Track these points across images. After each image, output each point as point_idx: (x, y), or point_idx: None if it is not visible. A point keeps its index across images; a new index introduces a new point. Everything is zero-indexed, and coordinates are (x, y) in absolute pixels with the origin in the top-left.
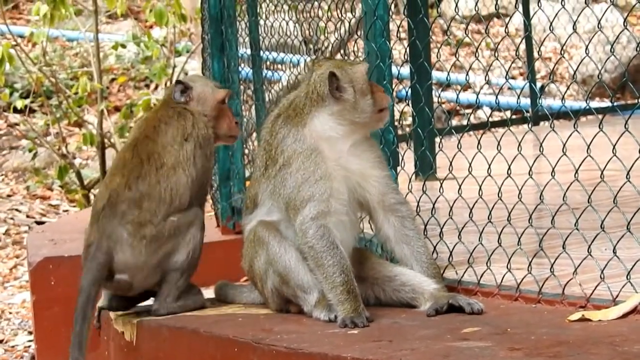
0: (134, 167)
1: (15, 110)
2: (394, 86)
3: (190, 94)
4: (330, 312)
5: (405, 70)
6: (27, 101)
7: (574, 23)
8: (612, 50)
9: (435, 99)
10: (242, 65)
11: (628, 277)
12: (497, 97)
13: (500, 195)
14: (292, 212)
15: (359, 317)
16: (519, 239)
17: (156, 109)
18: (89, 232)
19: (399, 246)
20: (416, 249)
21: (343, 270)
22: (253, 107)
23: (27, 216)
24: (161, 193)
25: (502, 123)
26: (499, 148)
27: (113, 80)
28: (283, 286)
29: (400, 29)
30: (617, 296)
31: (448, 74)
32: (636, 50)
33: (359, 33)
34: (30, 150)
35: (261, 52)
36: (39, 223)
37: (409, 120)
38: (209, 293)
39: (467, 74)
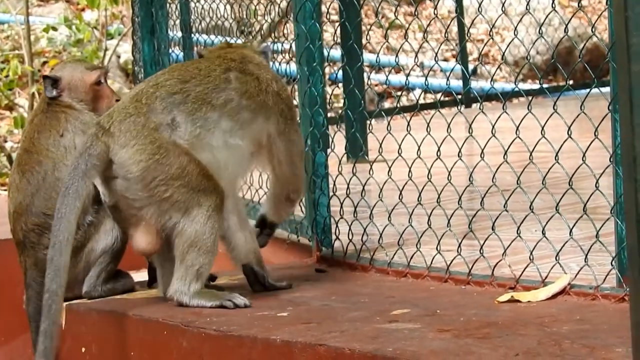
0: (26, 188)
1: None
2: (325, 69)
3: (60, 85)
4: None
5: (336, 52)
6: None
7: (503, 5)
8: (540, 32)
9: (367, 81)
10: (174, 48)
11: (557, 258)
12: (426, 79)
13: (430, 177)
14: None
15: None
16: (449, 220)
17: (32, 117)
18: (20, 258)
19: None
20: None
21: None
22: None
23: None
24: None
25: (434, 105)
26: (428, 130)
27: (44, 63)
28: None
29: (331, 11)
30: (546, 277)
31: (378, 56)
32: (565, 31)
33: (290, 15)
34: None
35: (192, 35)
36: None
37: (341, 102)
38: (138, 277)
39: (397, 56)
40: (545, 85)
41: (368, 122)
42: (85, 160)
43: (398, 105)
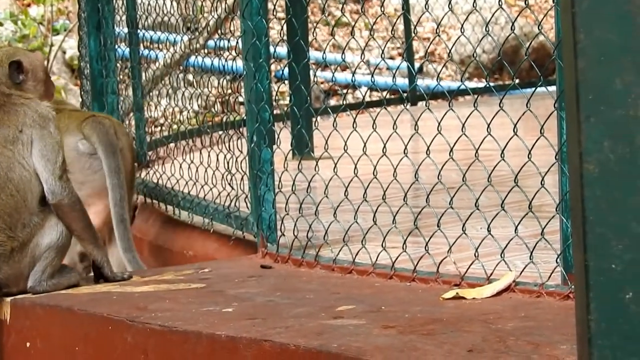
0: None
1: None
2: (271, 65)
3: (23, 70)
4: None
5: (282, 49)
6: None
7: (450, 3)
8: (487, 30)
9: (313, 79)
10: (120, 43)
11: (502, 255)
12: (372, 76)
13: (375, 174)
14: None
15: None
16: (394, 217)
17: None
18: None
19: None
20: None
21: None
22: (130, 85)
23: None
24: (8, 205)
25: (380, 103)
26: (374, 127)
27: None
28: None
29: (278, 8)
30: (491, 274)
31: (324, 53)
32: (511, 29)
33: (236, 12)
34: None
35: (138, 31)
36: None
37: (287, 99)
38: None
39: (344, 54)
40: (491, 84)
41: (314, 119)
42: None
43: (344, 103)
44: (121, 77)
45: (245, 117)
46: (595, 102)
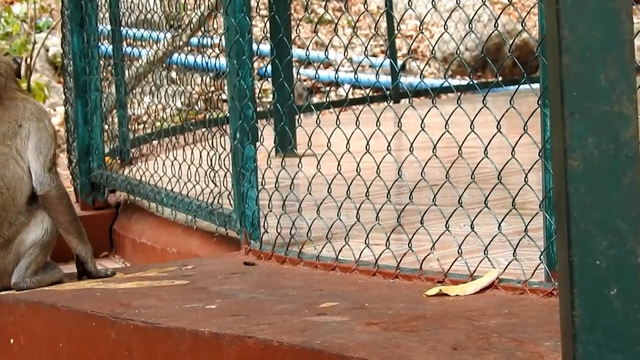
0: None
1: None
2: (254, 63)
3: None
4: None
5: (265, 47)
6: None
7: (432, 0)
8: (470, 27)
9: (296, 76)
10: (103, 40)
11: (485, 252)
12: (355, 74)
13: (359, 171)
14: None
15: None
16: (377, 214)
17: None
18: None
19: None
20: None
21: None
22: (113, 83)
23: None
24: None
25: (363, 100)
26: (357, 124)
27: None
28: None
29: (261, 5)
30: (474, 271)
31: (307, 51)
32: (494, 27)
33: (219, 9)
34: None
35: (121, 28)
36: None
37: (270, 97)
38: (67, 269)
39: (327, 51)
40: (474, 81)
41: (297, 116)
42: None
43: (327, 100)
44: (104, 74)
45: (228, 115)
46: (579, 98)
